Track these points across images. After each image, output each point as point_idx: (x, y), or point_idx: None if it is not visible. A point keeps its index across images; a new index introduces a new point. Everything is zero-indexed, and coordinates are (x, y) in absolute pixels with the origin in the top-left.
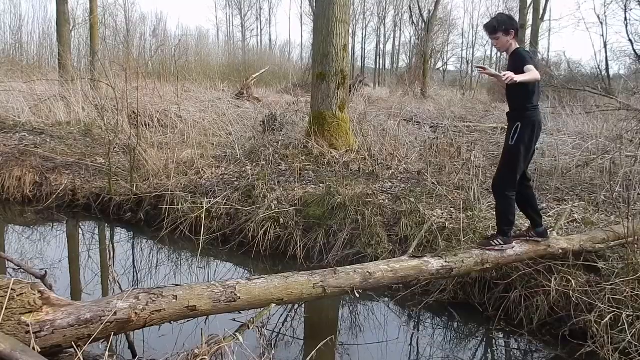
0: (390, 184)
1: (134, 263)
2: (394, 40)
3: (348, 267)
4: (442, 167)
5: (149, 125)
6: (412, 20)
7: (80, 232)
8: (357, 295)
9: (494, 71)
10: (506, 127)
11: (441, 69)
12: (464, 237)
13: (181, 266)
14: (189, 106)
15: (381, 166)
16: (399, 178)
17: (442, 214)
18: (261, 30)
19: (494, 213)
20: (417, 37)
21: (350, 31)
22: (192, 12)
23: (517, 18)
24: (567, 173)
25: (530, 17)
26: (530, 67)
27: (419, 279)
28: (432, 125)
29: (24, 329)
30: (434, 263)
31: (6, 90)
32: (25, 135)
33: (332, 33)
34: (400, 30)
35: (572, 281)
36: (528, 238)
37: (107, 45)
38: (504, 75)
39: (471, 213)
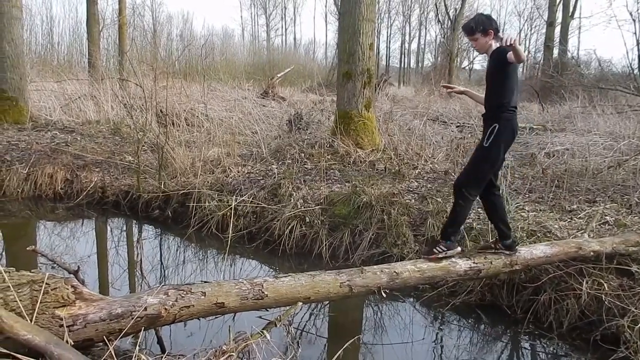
0: (416, 183)
1: (161, 260)
2: (419, 39)
3: (375, 266)
4: None
5: (176, 124)
6: (438, 19)
7: (109, 228)
8: (384, 295)
9: (462, 88)
10: (534, 127)
11: (467, 67)
12: (492, 238)
13: (207, 263)
14: (215, 105)
15: (407, 166)
16: (425, 178)
17: (470, 214)
18: (286, 29)
19: (523, 214)
20: (442, 35)
21: (375, 30)
22: (218, 12)
23: (546, 15)
24: (598, 174)
25: (559, 14)
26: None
27: (446, 279)
28: (459, 124)
29: (57, 322)
30: (461, 264)
31: (38, 90)
32: (56, 134)
33: (359, 32)
34: (426, 28)
35: (605, 284)
36: (495, 250)
37: (136, 45)
38: (506, 39)
39: None
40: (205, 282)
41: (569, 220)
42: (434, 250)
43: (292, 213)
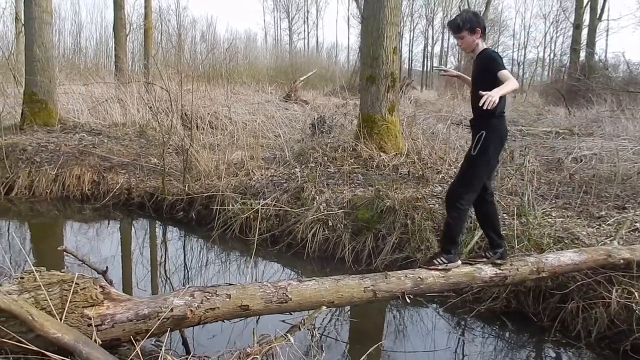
0: (440, 188)
1: (184, 261)
2: (442, 42)
3: (399, 271)
4: (494, 172)
5: (200, 126)
6: None
7: (134, 229)
8: (408, 300)
9: (455, 72)
10: (561, 131)
11: None
12: (517, 244)
13: (230, 266)
14: (239, 108)
15: (431, 170)
16: (449, 182)
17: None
18: (308, 33)
19: (549, 220)
20: None
21: (399, 33)
22: (241, 15)
23: (572, 18)
24: (627, 180)
25: (586, 16)
26: (505, 73)
27: (471, 286)
28: None
29: (86, 321)
30: (487, 270)
31: (66, 93)
32: (84, 136)
33: (383, 35)
34: (449, 31)
35: (635, 293)
36: (487, 259)
37: (162, 48)
38: (484, 99)
39: (525, 219)
40: (230, 284)
41: (597, 226)
42: (435, 261)
43: (315, 216)
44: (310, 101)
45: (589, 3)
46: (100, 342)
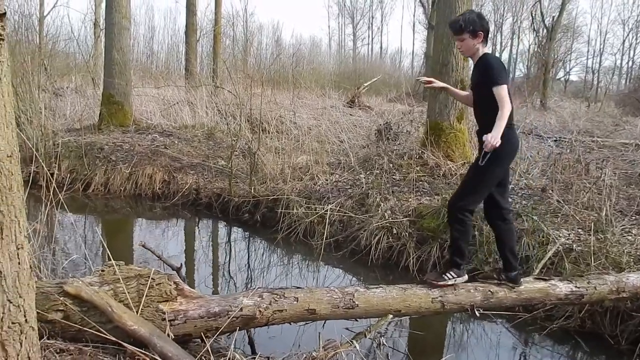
0: (510, 199)
1: (248, 262)
2: (510, 48)
3: (468, 283)
4: (568, 184)
5: (266, 130)
6: (533, 27)
7: (201, 229)
8: (477, 314)
9: (441, 83)
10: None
11: (562, 78)
12: (594, 262)
13: (293, 269)
14: (303, 113)
15: None
16: (519, 194)
17: (569, 234)
18: (372, 38)
19: (629, 238)
20: (537, 45)
21: None
22: (306, 21)
23: None
24: None
25: None
26: (501, 92)
27: (544, 302)
28: (556, 138)
29: (160, 316)
30: (562, 287)
31: (140, 95)
32: (156, 137)
33: (453, 42)
34: (519, 37)
35: None
36: (498, 282)
37: (233, 52)
38: (486, 146)
39: (602, 236)
40: (298, 287)
41: None
42: (444, 276)
43: (380, 224)
44: (374, 107)
45: None
46: (173, 337)
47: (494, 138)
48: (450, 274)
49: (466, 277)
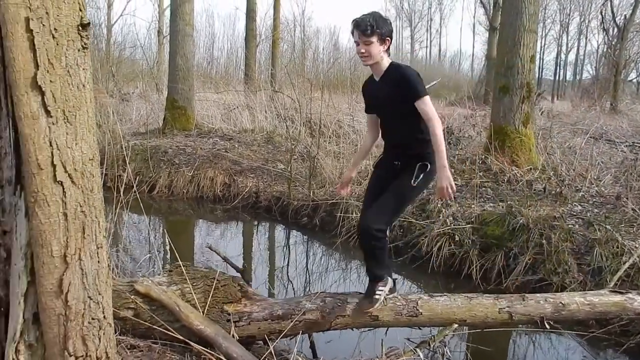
0: (580, 207)
1: (306, 266)
2: (577, 49)
3: (537, 294)
4: None
5: (324, 134)
6: (603, 27)
7: (260, 231)
8: (547, 327)
9: (349, 174)
10: None
11: (635, 80)
12: None
13: (351, 274)
14: (361, 117)
15: (569, 187)
16: (590, 202)
17: (624, 246)
18: (430, 41)
19: None
20: (607, 45)
21: (537, 41)
22: None
23: None
24: None
25: None
26: (426, 102)
27: (620, 317)
28: (630, 144)
29: (225, 317)
30: None
31: (201, 100)
32: (217, 140)
33: (519, 43)
34: (586, 38)
35: None
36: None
37: (287, 58)
38: (446, 195)
39: None
40: (359, 293)
41: None
42: (376, 296)
43: (441, 230)
44: None
45: None
46: (237, 338)
47: (450, 186)
48: (380, 289)
49: (390, 280)
